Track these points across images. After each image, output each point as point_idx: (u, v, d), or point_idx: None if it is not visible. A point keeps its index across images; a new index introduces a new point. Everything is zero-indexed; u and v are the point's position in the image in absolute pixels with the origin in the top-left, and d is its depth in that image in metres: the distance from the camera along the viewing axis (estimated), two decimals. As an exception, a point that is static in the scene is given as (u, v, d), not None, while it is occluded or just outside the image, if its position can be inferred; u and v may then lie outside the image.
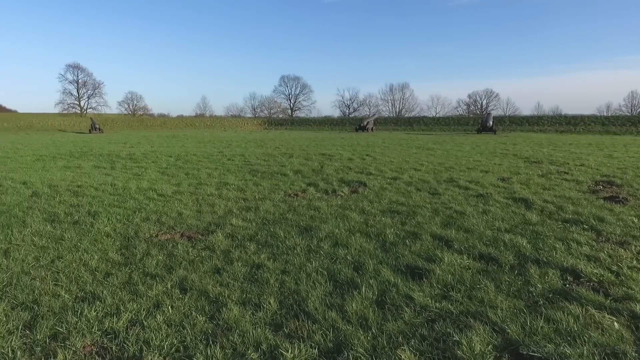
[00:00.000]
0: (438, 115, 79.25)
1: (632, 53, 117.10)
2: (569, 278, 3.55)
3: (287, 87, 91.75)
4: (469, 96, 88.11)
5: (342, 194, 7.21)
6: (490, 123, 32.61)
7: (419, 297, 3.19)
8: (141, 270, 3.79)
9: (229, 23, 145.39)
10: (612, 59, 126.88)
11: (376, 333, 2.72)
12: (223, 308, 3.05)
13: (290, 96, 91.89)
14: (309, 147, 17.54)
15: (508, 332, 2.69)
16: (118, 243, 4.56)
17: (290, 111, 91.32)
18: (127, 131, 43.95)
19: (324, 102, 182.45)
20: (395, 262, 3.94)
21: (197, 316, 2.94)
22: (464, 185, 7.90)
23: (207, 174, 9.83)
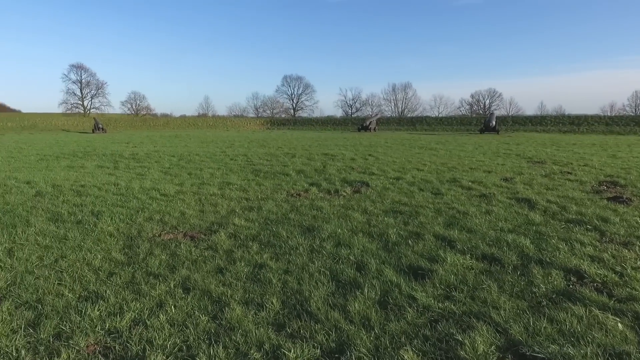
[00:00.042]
0: (441, 115, 79.12)
1: (636, 53, 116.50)
2: (572, 279, 3.54)
3: (290, 86, 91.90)
4: (472, 96, 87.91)
5: (345, 194, 7.21)
6: (493, 123, 32.49)
7: (421, 297, 3.19)
8: (144, 269, 3.80)
9: (231, 23, 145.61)
10: (616, 58, 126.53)
11: (379, 333, 2.72)
12: (226, 308, 3.06)
13: (293, 96, 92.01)
14: (312, 147, 17.54)
15: (511, 333, 2.68)
16: (121, 243, 4.57)
17: (292, 111, 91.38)
18: (130, 131, 44.09)
19: (326, 102, 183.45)
20: (397, 262, 3.94)
21: (200, 316, 2.94)
22: (466, 186, 7.88)
23: (209, 173, 9.85)
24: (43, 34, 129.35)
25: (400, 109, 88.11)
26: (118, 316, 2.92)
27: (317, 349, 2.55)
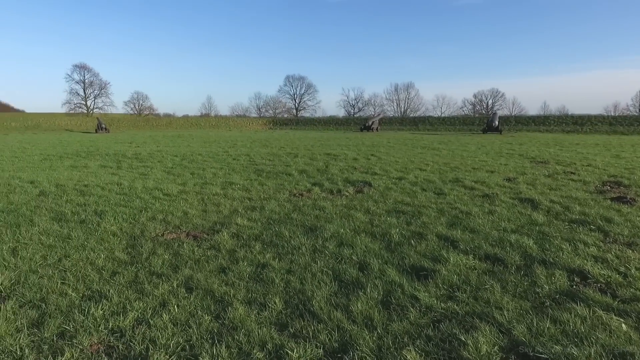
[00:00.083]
0: (443, 115, 79.04)
1: (636, 53, 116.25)
2: (576, 279, 3.53)
3: (292, 86, 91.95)
4: (475, 96, 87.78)
5: (347, 194, 7.21)
6: (496, 123, 32.42)
7: (424, 297, 3.19)
8: (147, 269, 3.81)
9: (234, 23, 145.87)
10: (619, 58, 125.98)
11: (381, 333, 2.72)
12: (229, 307, 3.06)
13: (295, 96, 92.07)
14: (314, 147, 17.54)
15: (514, 333, 2.68)
16: (124, 242, 4.59)
17: (295, 111, 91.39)
18: (133, 131, 44.21)
19: (328, 102, 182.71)
20: (400, 262, 3.93)
21: (203, 315, 2.95)
22: (469, 186, 7.86)
23: (212, 173, 9.87)
24: (46, 34, 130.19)
25: (402, 109, 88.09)
26: (121, 315, 2.93)
27: (320, 348, 2.55)
